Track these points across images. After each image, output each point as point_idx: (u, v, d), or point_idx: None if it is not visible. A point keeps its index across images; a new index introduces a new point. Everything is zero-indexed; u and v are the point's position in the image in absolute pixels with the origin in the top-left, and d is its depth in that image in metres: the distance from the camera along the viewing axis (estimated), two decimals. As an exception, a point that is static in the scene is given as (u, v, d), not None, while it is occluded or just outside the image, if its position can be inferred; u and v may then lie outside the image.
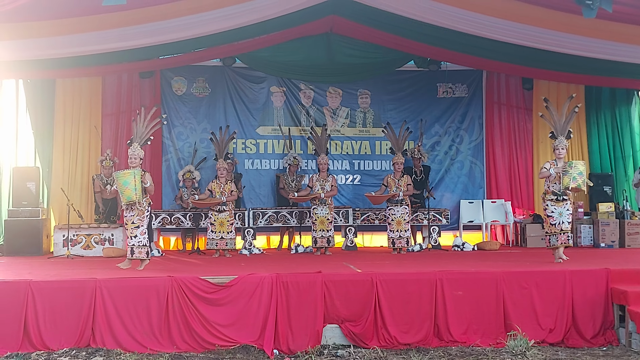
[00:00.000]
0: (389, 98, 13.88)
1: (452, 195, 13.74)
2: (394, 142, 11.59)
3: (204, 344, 7.13)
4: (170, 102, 13.28)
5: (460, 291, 7.57)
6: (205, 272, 7.85)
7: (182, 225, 11.89)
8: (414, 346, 7.29)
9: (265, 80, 13.59)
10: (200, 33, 10.71)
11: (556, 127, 9.24)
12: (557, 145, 9.15)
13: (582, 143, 13.88)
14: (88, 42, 10.25)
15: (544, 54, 11.11)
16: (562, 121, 9.26)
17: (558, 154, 9.12)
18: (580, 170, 8.89)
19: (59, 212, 12.24)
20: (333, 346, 7.29)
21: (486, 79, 14.00)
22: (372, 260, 9.74)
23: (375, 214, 12.33)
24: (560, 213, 9.04)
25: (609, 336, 7.54)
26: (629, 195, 13.01)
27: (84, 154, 12.69)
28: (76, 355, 6.84)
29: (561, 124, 9.25)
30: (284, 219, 12.08)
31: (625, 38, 9.94)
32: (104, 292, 7.18)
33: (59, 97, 12.83)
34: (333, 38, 13.05)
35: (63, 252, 10.96)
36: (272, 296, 7.33)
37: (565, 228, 9.04)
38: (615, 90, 13.86)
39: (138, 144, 8.89)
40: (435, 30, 10.84)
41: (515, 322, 7.39)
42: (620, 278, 7.75)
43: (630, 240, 12.01)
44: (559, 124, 9.24)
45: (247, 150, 13.46)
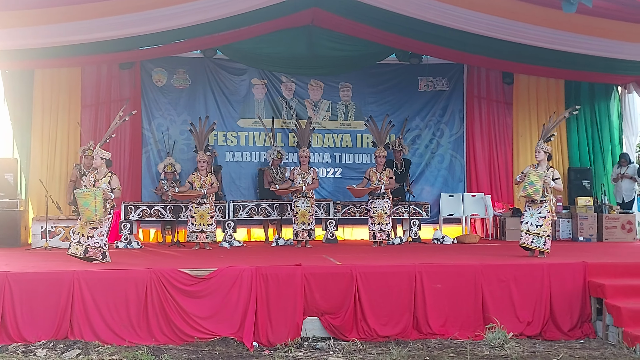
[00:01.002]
0: (370, 91, 13.88)
1: (432, 189, 13.77)
2: (376, 136, 11.60)
3: (183, 336, 7.13)
4: (150, 93, 13.19)
5: (440, 284, 7.63)
6: (184, 265, 7.83)
7: (161, 218, 11.82)
8: (393, 338, 7.33)
9: (247, 72, 13.53)
10: (181, 24, 10.64)
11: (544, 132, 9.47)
12: (536, 148, 9.36)
13: (562, 137, 13.97)
14: (67, 32, 10.13)
15: (524, 49, 11.15)
16: (548, 125, 9.51)
17: (536, 157, 9.34)
18: (532, 180, 9.00)
19: (38, 203, 12.13)
20: (313, 338, 7.31)
21: (467, 73, 14.04)
22: (353, 253, 9.76)
23: (356, 207, 12.34)
24: (531, 214, 9.15)
25: (586, 329, 7.63)
26: (607, 189, 13.14)
27: (63, 145, 12.57)
28: (54, 348, 6.80)
29: (547, 128, 9.47)
30: (265, 211, 12.05)
31: (604, 33, 10.00)
32: (82, 284, 7.14)
33: (37, 88, 12.69)
34: (315, 31, 13.02)
35: (41, 243, 10.88)
36: (251, 289, 7.33)
37: (531, 230, 9.11)
38: (595, 85, 13.96)
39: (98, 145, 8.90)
40: (417, 23, 10.84)
41: (494, 315, 7.45)
42: (598, 271, 7.84)
43: (608, 234, 12.13)
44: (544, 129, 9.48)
45: (227, 143, 13.40)
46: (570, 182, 13.50)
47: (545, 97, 13.93)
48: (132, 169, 12.94)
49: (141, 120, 13.04)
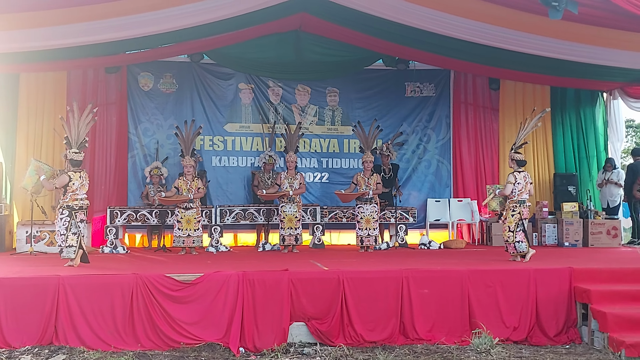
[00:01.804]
0: (357, 96, 13.91)
1: (419, 194, 13.82)
2: (363, 141, 11.61)
3: (169, 342, 7.08)
4: (136, 97, 13.16)
5: (426, 289, 7.62)
6: (171, 270, 7.79)
7: (148, 222, 11.77)
8: (380, 344, 7.32)
9: (234, 77, 13.53)
10: (168, 28, 10.61)
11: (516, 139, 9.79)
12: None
13: (547, 143, 14.06)
14: (53, 36, 10.07)
15: (511, 55, 11.21)
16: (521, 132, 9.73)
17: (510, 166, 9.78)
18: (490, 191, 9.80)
19: (22, 208, 12.05)
20: (299, 344, 7.29)
21: (454, 79, 14.11)
22: (339, 258, 9.75)
23: (343, 212, 12.35)
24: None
25: (572, 334, 7.65)
26: (592, 195, 13.21)
27: (48, 149, 12.51)
28: (38, 353, 6.75)
29: (518, 137, 9.74)
30: (252, 216, 12.02)
31: (590, 40, 10.07)
32: (68, 290, 7.09)
33: (22, 92, 12.64)
34: (302, 36, 13.03)
35: (26, 248, 10.81)
36: (238, 294, 7.30)
37: (506, 236, 9.39)
38: (580, 92, 14.06)
39: (75, 147, 9.00)
40: (404, 29, 10.87)
41: (480, 320, 7.45)
42: (584, 277, 7.86)
43: (593, 240, 12.18)
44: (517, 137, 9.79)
45: (214, 147, 13.38)
46: (556, 188, 13.57)
47: (531, 103, 13.96)
48: (117, 173, 12.91)
49: (127, 124, 13.00)
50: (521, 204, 9.33)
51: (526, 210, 9.40)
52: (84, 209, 8.95)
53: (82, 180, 8.90)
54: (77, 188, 8.83)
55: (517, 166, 9.48)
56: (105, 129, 12.92)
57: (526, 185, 9.36)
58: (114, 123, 13.00)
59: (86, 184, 9.00)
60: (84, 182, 8.94)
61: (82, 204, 8.89)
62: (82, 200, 8.88)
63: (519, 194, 9.31)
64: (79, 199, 8.84)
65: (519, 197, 9.31)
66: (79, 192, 8.86)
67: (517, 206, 9.32)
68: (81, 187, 8.89)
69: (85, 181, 8.96)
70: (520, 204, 9.32)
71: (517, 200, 9.31)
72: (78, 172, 8.90)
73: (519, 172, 9.43)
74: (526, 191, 9.37)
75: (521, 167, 9.52)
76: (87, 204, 9.01)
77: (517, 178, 9.32)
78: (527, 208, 9.41)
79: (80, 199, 8.86)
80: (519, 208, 9.31)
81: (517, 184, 9.30)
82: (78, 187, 8.84)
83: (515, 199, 9.32)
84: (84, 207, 8.93)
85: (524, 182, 9.33)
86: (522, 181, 9.32)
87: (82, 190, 8.90)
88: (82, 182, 8.89)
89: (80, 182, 8.87)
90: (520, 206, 9.32)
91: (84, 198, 8.92)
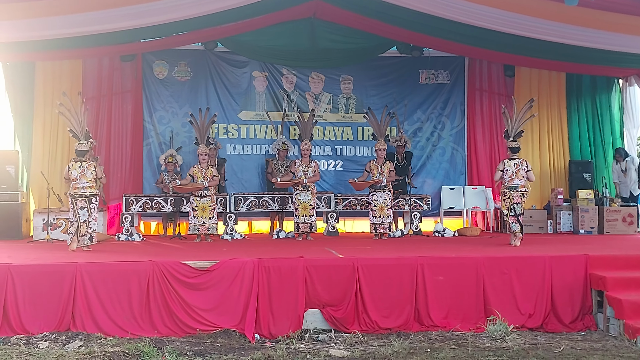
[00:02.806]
0: (371, 84, 13.87)
1: (433, 182, 13.78)
2: (376, 128, 11.59)
3: (185, 328, 7.14)
4: (151, 85, 13.18)
5: (441, 276, 7.64)
6: (186, 257, 7.84)
7: (163, 210, 11.84)
8: (395, 331, 7.34)
9: (248, 65, 13.52)
10: (183, 16, 10.62)
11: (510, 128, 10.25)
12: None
13: (563, 130, 13.97)
14: (69, 24, 10.12)
15: (526, 41, 11.13)
16: (514, 123, 10.27)
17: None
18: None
19: (39, 195, 12.14)
20: (314, 330, 7.33)
21: (468, 66, 14.03)
22: (354, 246, 9.76)
23: (357, 200, 12.35)
24: None
25: (587, 321, 7.64)
26: (608, 182, 13.13)
27: (64, 137, 12.53)
28: (56, 339, 6.82)
29: (513, 125, 10.25)
30: (266, 204, 12.06)
31: (606, 26, 9.99)
32: (85, 276, 7.16)
33: (38, 80, 12.69)
34: (316, 23, 12.98)
35: (43, 236, 10.90)
36: (253, 281, 7.34)
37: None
38: (596, 78, 13.94)
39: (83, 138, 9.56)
40: (419, 16, 10.81)
41: (495, 307, 7.46)
42: (599, 264, 7.84)
43: (609, 227, 12.14)
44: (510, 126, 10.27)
45: (228, 135, 13.40)
46: (571, 175, 13.50)
47: (547, 90, 13.92)
48: (133, 161, 12.95)
49: (142, 112, 13.04)
50: (511, 190, 9.79)
51: (517, 195, 9.77)
52: (86, 197, 9.28)
53: (83, 170, 9.31)
54: (76, 177, 9.28)
55: (511, 153, 9.98)
56: (120, 117, 12.96)
57: (518, 172, 9.80)
58: (129, 111, 13.04)
59: (88, 173, 9.33)
60: (85, 172, 9.31)
61: (83, 192, 9.27)
62: (82, 189, 9.27)
63: (509, 180, 9.81)
64: (79, 187, 9.26)
65: (509, 184, 9.81)
66: (79, 181, 9.27)
67: (508, 192, 9.84)
68: (81, 176, 9.29)
69: (87, 171, 9.32)
70: (510, 189, 9.81)
71: (508, 186, 9.82)
72: (78, 162, 9.39)
73: (510, 159, 9.92)
74: (519, 178, 9.79)
75: (515, 154, 9.97)
76: (90, 192, 9.34)
77: (505, 165, 9.89)
78: (519, 193, 9.79)
79: (80, 187, 9.27)
80: (509, 193, 9.81)
81: (506, 171, 9.84)
82: (77, 176, 9.28)
83: (505, 185, 9.84)
84: (85, 195, 9.27)
85: (514, 169, 9.81)
86: (511, 168, 9.82)
87: (83, 179, 9.29)
88: (82, 171, 9.30)
89: (79, 172, 9.29)
90: (510, 192, 9.80)
91: (85, 187, 9.29)
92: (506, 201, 9.89)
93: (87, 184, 9.31)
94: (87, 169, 9.33)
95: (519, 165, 9.84)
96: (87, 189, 9.31)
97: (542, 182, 13.74)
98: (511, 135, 10.16)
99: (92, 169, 9.39)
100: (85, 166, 9.35)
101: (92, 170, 9.39)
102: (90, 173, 9.35)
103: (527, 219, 12.50)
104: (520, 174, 9.80)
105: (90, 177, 9.35)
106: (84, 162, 9.40)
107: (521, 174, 9.81)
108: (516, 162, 9.88)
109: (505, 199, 9.92)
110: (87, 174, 9.31)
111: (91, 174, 9.36)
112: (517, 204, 9.80)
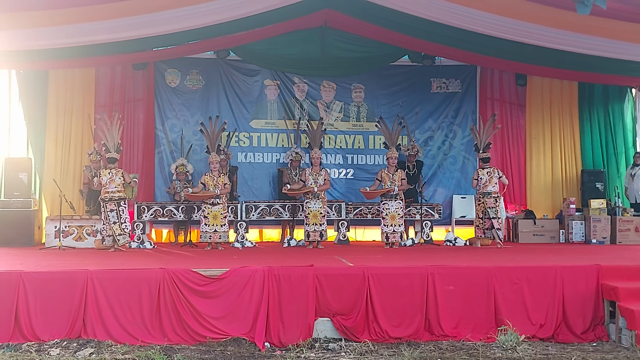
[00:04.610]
0: (382, 92, 13.88)
1: (444, 190, 13.76)
2: (387, 137, 11.59)
3: (196, 336, 7.14)
4: (163, 94, 13.25)
5: (452, 286, 7.60)
6: (197, 265, 7.85)
7: (174, 218, 11.88)
8: (405, 340, 7.31)
9: (259, 74, 13.57)
10: (195, 25, 10.69)
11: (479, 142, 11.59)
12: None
13: (575, 139, 13.93)
14: (81, 33, 10.21)
15: (538, 50, 11.12)
16: (482, 137, 11.54)
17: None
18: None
19: (51, 203, 12.22)
20: (324, 339, 7.30)
21: (480, 75, 14.02)
22: (364, 254, 9.76)
23: (368, 208, 12.35)
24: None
25: (599, 332, 7.58)
26: (620, 192, 13.05)
27: (77, 145, 12.66)
28: (67, 347, 6.84)
29: (481, 139, 11.53)
30: (277, 212, 12.08)
31: (618, 35, 9.97)
32: (96, 284, 7.17)
33: (51, 88, 12.80)
34: (327, 32, 13.04)
35: (55, 243, 10.95)
36: (264, 289, 7.33)
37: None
38: (609, 87, 13.90)
39: (114, 150, 10.71)
40: (430, 25, 10.83)
41: (506, 317, 7.42)
42: (611, 274, 7.78)
43: (621, 237, 12.06)
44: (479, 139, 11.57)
45: (240, 144, 13.43)
46: (584, 185, 13.44)
47: (559, 99, 13.90)
48: (145, 169, 13.01)
49: (154, 120, 13.10)
50: (485, 196, 11.22)
51: (490, 200, 11.15)
52: (115, 200, 10.45)
53: (112, 175, 10.50)
54: (106, 182, 10.47)
55: (482, 163, 11.43)
56: (132, 125, 13.03)
57: (491, 179, 11.20)
58: (141, 119, 13.11)
59: (117, 178, 10.53)
60: (114, 177, 10.51)
61: (112, 196, 10.43)
62: (111, 193, 10.44)
63: (483, 187, 11.23)
64: (109, 191, 10.45)
65: (483, 190, 11.24)
66: (108, 186, 10.45)
67: (482, 197, 11.27)
68: (110, 181, 10.47)
69: (115, 177, 10.52)
70: (484, 195, 11.23)
71: (482, 192, 11.25)
72: (108, 169, 10.59)
73: (482, 169, 11.37)
74: (492, 184, 11.17)
75: (486, 164, 11.40)
76: (119, 196, 10.50)
77: (479, 174, 11.34)
78: (492, 198, 11.16)
79: (109, 192, 10.44)
80: (483, 199, 11.22)
81: (480, 179, 11.27)
82: (107, 182, 10.47)
83: (480, 191, 11.28)
84: (114, 199, 10.44)
85: (487, 177, 11.22)
86: (484, 176, 11.25)
87: (112, 184, 10.46)
88: (111, 177, 10.49)
89: (109, 177, 10.49)
90: (484, 197, 11.23)
91: (114, 191, 10.47)
92: (480, 206, 11.31)
93: (116, 189, 10.48)
94: (116, 175, 10.52)
95: (491, 174, 11.24)
96: (116, 193, 10.47)
97: (554, 191, 13.72)
98: (481, 148, 11.52)
99: (120, 174, 10.56)
100: (114, 172, 10.54)
101: (120, 175, 10.56)
102: (119, 178, 10.52)
103: (538, 228, 12.51)
104: (493, 180, 11.19)
105: (119, 182, 10.50)
106: (113, 169, 10.57)
107: (494, 180, 11.19)
108: (488, 170, 11.30)
109: (479, 204, 11.33)
110: (115, 179, 10.48)
111: (119, 179, 10.51)
112: (491, 209, 11.13)
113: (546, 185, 13.81)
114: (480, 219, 11.36)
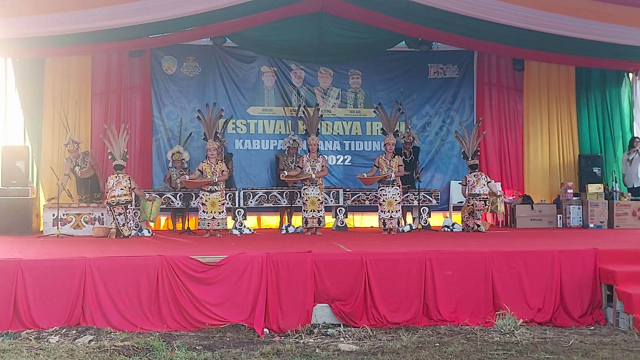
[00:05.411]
0: (380, 78, 13.86)
1: (442, 176, 13.79)
2: (385, 123, 11.59)
3: (194, 322, 7.15)
4: (160, 81, 13.23)
5: (450, 271, 7.61)
6: (195, 252, 7.85)
7: (172, 205, 11.88)
8: (404, 325, 7.32)
9: (256, 60, 13.54)
10: (191, 12, 10.64)
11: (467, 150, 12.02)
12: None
13: (572, 124, 13.94)
14: (77, 20, 10.16)
15: (535, 35, 11.10)
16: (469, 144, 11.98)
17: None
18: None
19: (49, 191, 12.21)
20: (323, 325, 7.32)
21: (477, 60, 14.00)
22: (362, 240, 9.76)
23: (365, 195, 12.36)
24: None
25: (597, 315, 7.60)
26: (618, 176, 13.07)
27: (74, 132, 12.62)
28: (66, 334, 6.85)
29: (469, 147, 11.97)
30: (275, 199, 12.08)
31: (615, 19, 9.95)
32: (94, 271, 7.17)
33: (48, 76, 12.77)
34: (324, 18, 12.98)
35: (53, 231, 10.95)
36: (262, 275, 7.34)
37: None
38: (606, 72, 13.89)
39: (121, 158, 11.04)
40: (427, 10, 10.79)
41: (504, 302, 7.43)
42: (609, 258, 7.80)
43: (619, 221, 12.10)
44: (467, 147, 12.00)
45: (237, 131, 13.43)
46: (581, 169, 13.46)
47: (556, 83, 13.89)
48: (142, 157, 13.01)
49: (151, 108, 13.08)
50: (474, 197, 11.53)
51: (480, 203, 11.51)
52: (122, 204, 10.65)
53: (119, 179, 10.75)
54: (112, 185, 10.72)
55: (471, 170, 11.81)
56: (129, 112, 13.02)
57: (478, 181, 11.58)
58: (137, 107, 13.09)
59: (123, 181, 10.74)
60: (120, 180, 10.74)
61: (119, 200, 10.64)
62: (118, 197, 10.65)
63: (471, 189, 11.58)
64: (115, 195, 10.67)
65: (472, 192, 11.57)
66: (115, 190, 10.68)
67: (471, 199, 11.56)
68: (117, 184, 10.70)
69: (122, 179, 10.75)
70: (473, 197, 11.55)
71: (470, 194, 11.57)
72: (115, 174, 10.85)
73: (470, 173, 11.74)
74: (480, 186, 11.56)
75: (474, 170, 11.77)
76: (125, 199, 10.69)
77: (467, 179, 11.73)
78: (481, 201, 11.51)
79: (116, 196, 10.66)
80: (472, 200, 11.54)
81: (468, 182, 11.68)
82: (114, 185, 10.71)
83: (469, 193, 11.61)
84: (121, 202, 10.65)
85: (474, 179, 11.62)
86: (472, 179, 11.64)
87: (119, 186, 10.69)
88: (117, 180, 10.74)
89: (115, 181, 10.74)
90: (473, 199, 11.54)
91: (121, 194, 10.67)
92: (468, 207, 11.63)
93: (123, 192, 10.69)
94: (122, 178, 10.77)
95: (478, 176, 11.67)
96: (123, 197, 10.68)
97: (551, 176, 13.75)
98: (469, 155, 11.91)
99: (126, 178, 10.82)
100: (121, 176, 10.80)
101: (127, 179, 10.81)
102: (125, 181, 10.75)
103: (536, 213, 12.53)
104: (481, 182, 11.58)
105: (125, 185, 10.73)
106: (120, 174, 10.82)
107: (482, 182, 11.59)
108: (476, 174, 11.73)
109: (468, 205, 11.63)
110: (122, 181, 10.73)
111: (126, 182, 10.75)
112: (479, 211, 11.55)
113: (544, 170, 13.83)
114: (466, 219, 11.68)
